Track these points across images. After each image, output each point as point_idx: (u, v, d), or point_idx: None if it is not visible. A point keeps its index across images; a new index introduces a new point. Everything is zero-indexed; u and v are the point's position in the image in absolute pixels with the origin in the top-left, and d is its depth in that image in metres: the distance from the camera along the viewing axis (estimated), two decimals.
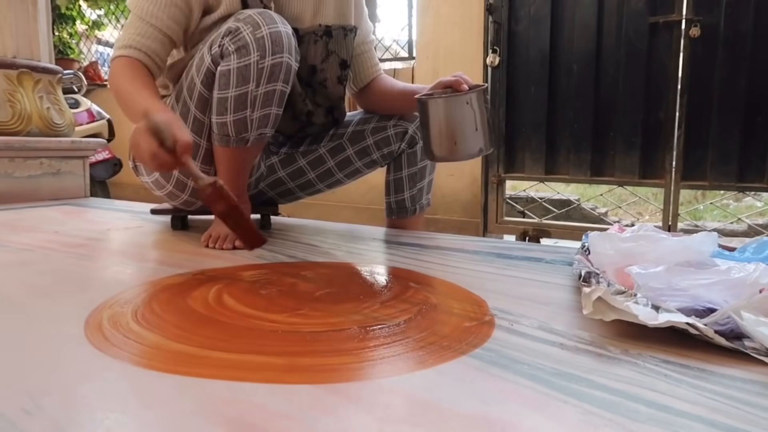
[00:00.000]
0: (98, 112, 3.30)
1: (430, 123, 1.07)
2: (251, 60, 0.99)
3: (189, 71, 1.09)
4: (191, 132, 1.09)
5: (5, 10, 1.97)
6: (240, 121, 1.03)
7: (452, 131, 1.05)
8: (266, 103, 1.03)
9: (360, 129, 1.31)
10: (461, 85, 1.10)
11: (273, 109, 1.06)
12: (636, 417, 0.40)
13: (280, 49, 1.00)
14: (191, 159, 0.84)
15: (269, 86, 1.02)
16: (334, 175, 1.34)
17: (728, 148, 2.14)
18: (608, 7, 2.27)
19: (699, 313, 0.58)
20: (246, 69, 0.99)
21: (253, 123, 1.04)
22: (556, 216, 2.75)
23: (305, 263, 0.95)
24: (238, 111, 1.02)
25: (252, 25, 0.99)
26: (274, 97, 1.04)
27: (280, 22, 1.02)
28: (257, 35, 0.98)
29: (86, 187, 2.21)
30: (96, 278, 0.88)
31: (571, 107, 2.38)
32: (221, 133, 1.06)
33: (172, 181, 1.17)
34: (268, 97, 1.03)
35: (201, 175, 0.83)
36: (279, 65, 1.01)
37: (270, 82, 1.02)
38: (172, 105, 1.13)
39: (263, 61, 0.99)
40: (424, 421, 0.40)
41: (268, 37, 0.99)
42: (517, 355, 0.53)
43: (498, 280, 0.83)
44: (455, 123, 1.05)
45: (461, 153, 1.07)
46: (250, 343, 0.55)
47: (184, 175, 0.89)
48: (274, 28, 1.00)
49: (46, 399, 0.43)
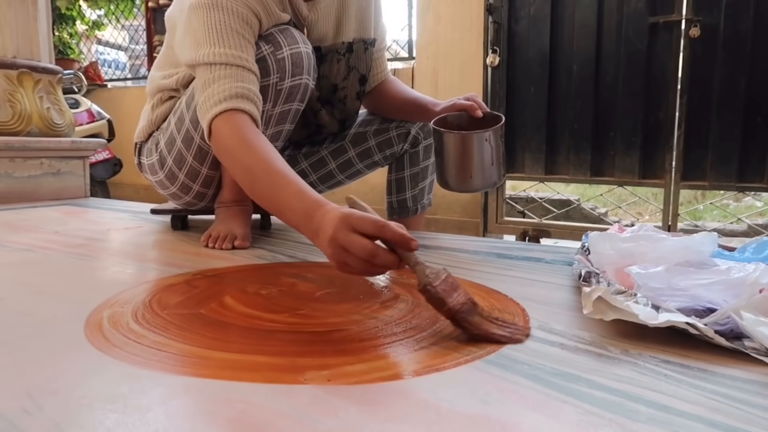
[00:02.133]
0: (98, 112, 3.30)
1: (445, 154, 1.08)
2: (270, 81, 0.98)
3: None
4: (201, 140, 1.08)
5: (5, 10, 1.97)
6: None
7: (468, 165, 1.06)
8: (280, 121, 1.04)
9: (362, 131, 1.30)
10: (476, 111, 1.10)
11: (286, 126, 1.06)
12: (636, 417, 0.40)
13: (300, 71, 1.00)
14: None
15: (285, 106, 1.02)
16: (335, 177, 1.34)
17: (728, 148, 2.14)
18: (608, 7, 2.27)
19: (699, 313, 0.58)
20: (264, 90, 0.98)
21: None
22: (556, 216, 2.75)
23: (305, 263, 0.95)
24: None
25: (273, 44, 0.97)
26: (288, 116, 1.04)
27: (301, 42, 1.00)
28: (278, 56, 0.97)
29: (86, 187, 2.21)
30: (96, 278, 0.88)
31: (571, 107, 2.38)
32: None
33: (177, 184, 1.17)
34: (283, 117, 1.03)
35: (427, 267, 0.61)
36: (298, 87, 1.01)
37: (287, 103, 1.01)
38: (182, 110, 1.11)
39: (282, 83, 0.98)
40: (424, 421, 0.40)
41: (288, 58, 0.98)
42: (517, 355, 0.53)
43: (498, 280, 0.83)
44: (472, 158, 1.05)
45: (475, 186, 1.09)
46: (250, 343, 0.55)
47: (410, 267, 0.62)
48: (295, 49, 0.98)
49: (46, 399, 0.43)
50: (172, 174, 1.16)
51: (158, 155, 1.17)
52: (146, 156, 1.22)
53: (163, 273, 0.86)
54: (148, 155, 1.21)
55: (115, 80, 4.66)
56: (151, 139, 1.21)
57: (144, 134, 1.23)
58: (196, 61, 0.93)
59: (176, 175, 1.15)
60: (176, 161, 1.14)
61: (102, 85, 4.36)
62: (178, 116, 1.12)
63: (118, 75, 4.79)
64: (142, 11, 4.22)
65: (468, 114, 1.12)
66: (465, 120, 1.12)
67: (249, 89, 0.91)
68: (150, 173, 1.22)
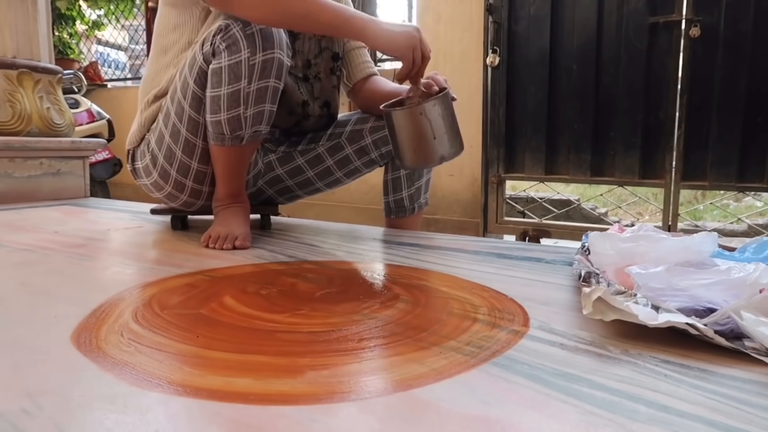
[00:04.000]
0: (98, 112, 3.30)
1: (396, 132, 1.09)
2: (242, 57, 0.99)
3: (182, 71, 1.09)
4: (187, 132, 1.10)
5: (5, 10, 1.97)
6: (234, 118, 1.03)
7: (411, 141, 1.08)
8: (259, 99, 1.04)
9: (358, 128, 1.31)
10: (431, 87, 1.12)
11: (267, 106, 1.06)
12: (636, 417, 0.40)
13: (270, 45, 1.01)
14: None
15: (261, 83, 1.02)
16: (333, 174, 1.34)
17: (728, 148, 2.14)
18: (608, 7, 2.27)
19: (699, 313, 0.58)
20: (237, 66, 0.99)
21: (247, 120, 1.04)
22: (556, 216, 2.75)
23: (305, 263, 0.95)
24: (231, 109, 1.02)
25: (242, 22, 0.99)
26: (267, 94, 1.04)
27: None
28: (247, 32, 0.99)
29: (86, 187, 2.21)
30: (96, 278, 0.88)
31: (571, 107, 2.38)
32: (216, 131, 1.06)
33: (170, 182, 1.17)
34: (261, 94, 1.03)
35: None
36: (270, 61, 1.01)
37: (262, 79, 1.02)
38: (167, 105, 1.12)
39: (254, 58, 0.99)
40: (424, 421, 0.40)
41: (258, 33, 0.99)
42: (517, 355, 0.53)
43: (498, 280, 0.83)
44: (412, 133, 1.07)
45: (431, 158, 1.09)
46: (250, 343, 0.55)
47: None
48: (264, 27, 1.00)
49: (46, 399, 0.43)
50: (164, 172, 1.16)
51: (150, 155, 1.18)
52: (140, 159, 1.22)
53: (163, 273, 0.86)
54: (141, 158, 1.21)
55: (115, 80, 4.66)
56: (143, 141, 1.21)
57: (136, 139, 1.23)
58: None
59: (168, 172, 1.16)
60: (167, 158, 1.14)
61: (102, 85, 4.36)
62: (165, 112, 1.13)
63: (118, 75, 4.79)
64: (142, 11, 4.22)
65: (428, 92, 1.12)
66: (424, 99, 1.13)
67: None
68: (144, 176, 1.22)
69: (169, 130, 1.12)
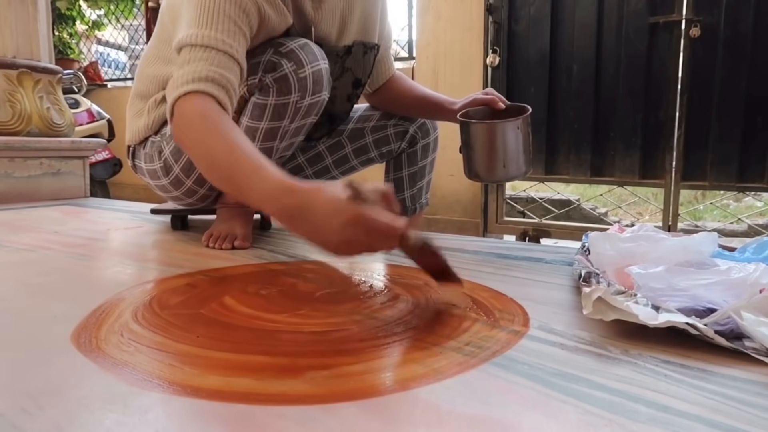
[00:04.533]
0: (98, 112, 3.30)
1: (474, 145, 1.08)
2: (291, 100, 0.98)
3: None
4: None
5: (5, 10, 1.97)
6: (266, 149, 1.02)
7: (499, 154, 1.06)
8: (295, 134, 1.05)
9: (360, 126, 1.30)
10: (497, 103, 1.11)
11: (298, 138, 1.07)
12: (636, 417, 0.40)
13: (320, 88, 1.00)
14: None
15: (302, 121, 1.03)
16: (330, 172, 1.34)
17: (728, 148, 2.14)
18: (608, 7, 2.27)
19: (699, 313, 0.58)
20: (284, 107, 0.98)
21: (278, 151, 1.05)
22: (556, 216, 2.75)
23: (306, 263, 0.95)
24: (266, 141, 1.02)
25: (295, 62, 0.96)
26: (302, 130, 1.05)
27: (320, 58, 1.00)
28: (300, 75, 0.96)
29: (86, 187, 2.21)
30: (96, 278, 0.88)
31: (571, 107, 2.38)
32: None
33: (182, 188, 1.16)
34: (298, 131, 1.04)
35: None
36: (316, 103, 1.02)
37: (304, 118, 1.02)
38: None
39: (302, 101, 0.99)
40: (424, 421, 0.40)
41: (310, 77, 0.97)
42: (517, 355, 0.53)
43: (498, 280, 0.83)
44: (503, 146, 1.06)
45: (507, 175, 1.09)
46: (250, 343, 0.55)
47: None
48: (316, 67, 0.98)
49: (46, 399, 0.43)
50: (178, 180, 1.15)
51: (162, 163, 1.15)
52: (145, 161, 1.20)
53: (163, 273, 0.86)
54: (148, 161, 1.19)
55: (115, 80, 4.66)
56: (149, 143, 1.18)
57: (140, 137, 1.19)
58: (181, 42, 0.87)
59: (183, 181, 1.14)
60: (184, 170, 1.13)
61: (102, 85, 4.35)
62: None
63: (118, 75, 4.79)
64: (142, 11, 4.22)
65: (489, 108, 1.12)
66: (487, 114, 1.13)
67: (223, 75, 0.84)
68: (150, 178, 1.21)
69: None
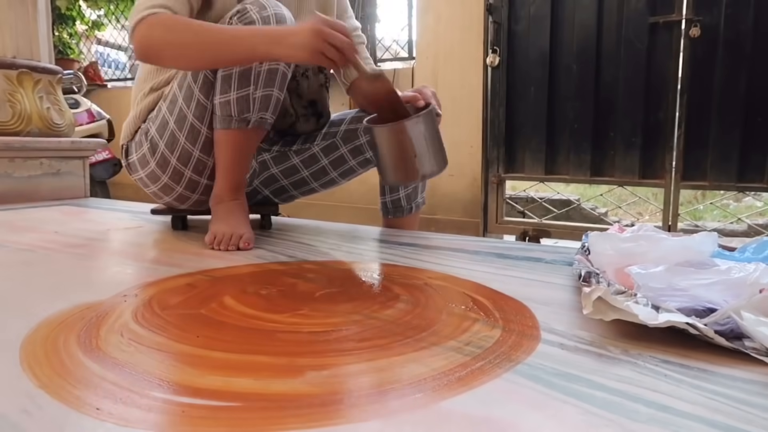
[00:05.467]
0: (98, 112, 3.29)
1: (378, 148, 1.09)
2: None
3: None
4: (194, 117, 1.11)
5: (5, 10, 1.97)
6: (243, 98, 1.05)
7: (392, 159, 1.07)
8: (269, 82, 1.06)
9: (353, 128, 1.31)
10: (418, 101, 1.12)
11: (274, 91, 1.08)
12: (636, 417, 0.40)
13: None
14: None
15: (272, 64, 1.05)
16: (328, 174, 1.34)
17: (728, 148, 2.13)
18: (608, 7, 2.27)
19: (699, 313, 0.58)
20: None
21: (255, 102, 1.06)
22: (556, 216, 2.75)
23: (305, 263, 0.95)
24: (241, 88, 1.04)
25: (258, 6, 1.02)
26: (276, 77, 1.06)
27: (283, 8, 1.05)
28: (263, 14, 1.01)
29: (86, 187, 2.21)
30: (96, 278, 0.88)
31: (571, 107, 2.38)
32: (224, 113, 1.07)
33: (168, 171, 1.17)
34: (270, 76, 1.06)
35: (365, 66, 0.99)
36: None
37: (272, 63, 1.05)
38: (174, 91, 1.14)
39: None
40: (424, 421, 0.40)
41: (273, 16, 1.02)
42: (517, 354, 0.52)
43: (498, 280, 0.83)
44: (393, 151, 1.06)
45: (423, 172, 1.07)
46: (250, 344, 0.55)
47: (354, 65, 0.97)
48: (278, 9, 1.03)
49: (46, 399, 0.43)
50: (164, 160, 1.16)
51: (149, 144, 1.18)
52: (135, 151, 1.23)
53: (163, 273, 0.86)
54: (137, 148, 1.22)
55: (115, 80, 4.66)
56: (138, 132, 1.22)
57: (130, 132, 1.24)
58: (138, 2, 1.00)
59: (168, 160, 1.16)
60: (168, 144, 1.15)
61: (102, 85, 4.35)
62: (170, 98, 1.15)
63: (118, 75, 4.79)
64: None
65: (413, 106, 1.12)
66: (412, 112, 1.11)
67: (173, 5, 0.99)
68: (140, 167, 1.22)
69: (174, 116, 1.13)
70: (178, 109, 1.13)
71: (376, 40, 3.21)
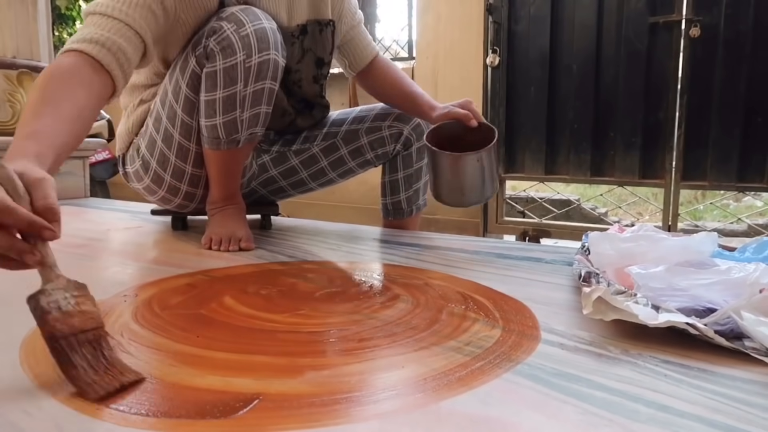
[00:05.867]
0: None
1: (438, 171, 1.09)
2: (237, 60, 0.96)
3: (173, 73, 1.06)
4: (180, 136, 1.07)
5: (5, 10, 1.97)
6: (230, 122, 1.01)
7: (461, 183, 1.07)
8: (256, 102, 1.02)
9: (354, 128, 1.29)
10: (470, 121, 1.11)
11: (263, 108, 1.04)
12: (636, 417, 0.40)
13: (266, 46, 0.98)
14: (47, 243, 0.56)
15: (257, 85, 1.00)
16: (327, 174, 1.33)
17: (728, 148, 2.13)
18: (608, 7, 2.27)
19: (699, 313, 0.58)
20: (233, 69, 0.97)
21: (243, 123, 1.02)
22: (556, 216, 2.75)
23: (305, 263, 0.95)
24: (227, 113, 1.00)
25: (235, 22, 0.96)
26: (263, 96, 1.02)
27: (264, 18, 0.99)
28: (241, 33, 0.96)
29: (86, 187, 2.20)
30: (96, 278, 0.88)
31: (571, 107, 2.38)
32: (211, 136, 1.03)
33: (164, 186, 1.15)
34: (257, 96, 1.01)
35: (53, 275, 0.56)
36: (266, 63, 0.99)
37: (258, 81, 1.00)
38: (158, 109, 1.10)
39: (250, 60, 0.97)
40: (424, 421, 0.40)
41: (252, 34, 0.96)
42: (517, 354, 0.52)
43: (498, 280, 0.83)
44: (464, 176, 1.06)
45: (468, 202, 1.11)
46: (250, 344, 0.55)
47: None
48: (258, 25, 0.97)
49: (46, 399, 0.43)
50: (158, 177, 1.14)
51: (141, 160, 1.15)
52: (130, 163, 1.20)
53: (164, 273, 0.86)
54: (131, 162, 1.19)
55: None
56: (131, 147, 1.19)
57: (124, 144, 1.20)
58: (86, 11, 0.89)
59: (162, 177, 1.14)
60: (160, 163, 1.12)
61: None
62: (155, 116, 1.11)
63: None
64: None
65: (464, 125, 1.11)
66: (460, 128, 1.11)
67: (112, 40, 0.84)
68: (136, 180, 1.20)
69: (161, 135, 1.10)
70: (163, 128, 1.09)
71: (376, 40, 3.21)
